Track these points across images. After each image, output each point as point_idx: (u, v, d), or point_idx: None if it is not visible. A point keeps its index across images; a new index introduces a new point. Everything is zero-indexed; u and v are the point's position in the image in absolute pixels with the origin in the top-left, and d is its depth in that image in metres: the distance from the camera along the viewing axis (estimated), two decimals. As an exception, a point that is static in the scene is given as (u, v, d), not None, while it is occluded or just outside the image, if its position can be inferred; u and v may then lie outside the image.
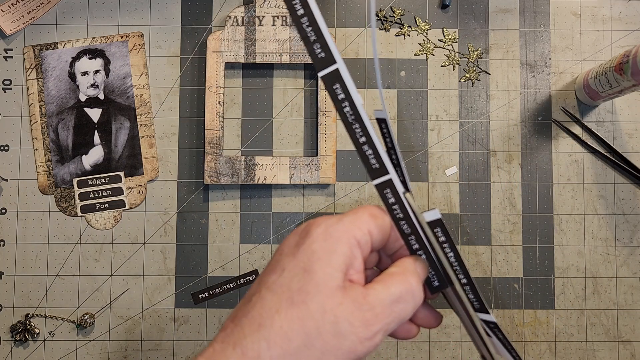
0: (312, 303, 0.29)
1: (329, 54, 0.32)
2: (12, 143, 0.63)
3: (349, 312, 0.29)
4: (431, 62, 0.65)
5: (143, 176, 0.63)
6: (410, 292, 0.31)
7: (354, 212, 0.32)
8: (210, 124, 0.62)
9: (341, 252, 0.30)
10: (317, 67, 0.32)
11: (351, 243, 0.31)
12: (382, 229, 0.32)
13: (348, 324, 0.29)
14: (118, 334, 0.62)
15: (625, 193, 0.63)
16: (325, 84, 0.32)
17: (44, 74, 0.63)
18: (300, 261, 0.30)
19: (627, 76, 0.54)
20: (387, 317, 0.30)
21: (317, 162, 0.62)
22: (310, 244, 0.30)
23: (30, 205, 0.62)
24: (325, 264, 0.30)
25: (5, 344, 0.61)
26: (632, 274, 0.63)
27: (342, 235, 0.30)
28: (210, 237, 0.63)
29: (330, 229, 0.31)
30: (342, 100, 0.32)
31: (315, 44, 0.32)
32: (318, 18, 0.32)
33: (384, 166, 0.32)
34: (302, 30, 0.32)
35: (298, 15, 0.32)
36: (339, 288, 0.29)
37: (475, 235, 0.63)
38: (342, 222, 0.31)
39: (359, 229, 0.31)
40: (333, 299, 0.29)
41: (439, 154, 0.64)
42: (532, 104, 0.64)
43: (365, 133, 0.32)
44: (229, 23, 0.62)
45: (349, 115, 0.32)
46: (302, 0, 0.32)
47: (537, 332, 0.62)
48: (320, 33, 0.32)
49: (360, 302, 0.29)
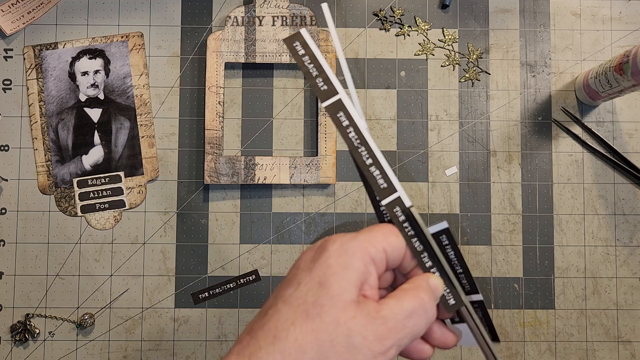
0: (327, 316, 0.29)
1: (330, 86, 0.34)
2: (12, 143, 0.63)
3: (362, 326, 0.29)
4: (431, 62, 0.65)
5: (143, 176, 0.63)
6: (422, 308, 0.31)
7: (370, 229, 0.33)
8: (210, 124, 0.62)
9: (356, 268, 0.31)
10: (321, 98, 0.34)
11: (366, 259, 0.31)
12: (396, 247, 0.33)
13: (362, 338, 0.29)
14: (118, 334, 0.62)
15: (625, 193, 0.63)
16: (329, 113, 0.34)
17: (44, 74, 0.63)
18: (316, 275, 0.31)
19: (627, 76, 0.54)
20: (400, 332, 0.30)
21: (317, 162, 0.62)
22: (326, 259, 0.31)
23: (30, 205, 0.62)
24: (340, 278, 0.30)
25: (5, 344, 0.61)
26: (632, 274, 0.63)
27: (357, 251, 0.31)
28: (210, 237, 0.63)
29: (345, 245, 0.31)
30: (347, 126, 0.34)
31: (317, 78, 0.35)
32: (318, 56, 0.35)
33: (391, 184, 0.34)
34: (304, 67, 0.35)
35: (300, 55, 0.35)
36: (353, 302, 0.30)
37: (475, 235, 0.63)
38: (358, 239, 0.32)
39: (374, 246, 0.32)
40: (347, 313, 0.29)
41: (439, 154, 0.64)
42: (532, 104, 0.64)
43: (372, 155, 0.34)
44: (229, 23, 0.62)
45: (355, 140, 0.34)
46: (302, 43, 0.35)
47: (537, 332, 0.62)
48: (321, 69, 0.35)
49: (373, 316, 0.30)
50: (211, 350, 0.62)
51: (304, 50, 0.35)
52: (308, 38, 0.35)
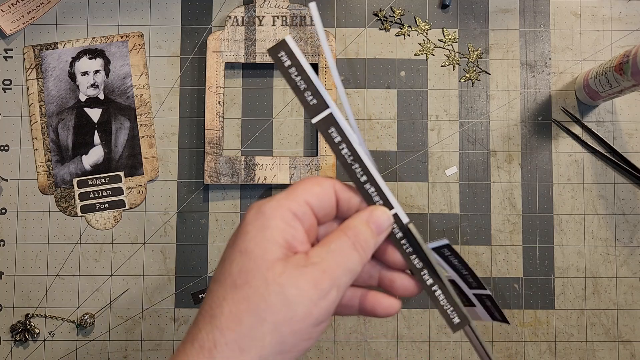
0: (254, 280, 0.28)
1: (320, 100, 0.32)
2: (12, 143, 0.63)
3: (293, 278, 0.29)
4: (431, 62, 0.65)
5: (143, 176, 0.63)
6: (350, 246, 0.31)
7: (290, 187, 0.32)
8: (210, 124, 0.62)
9: (275, 227, 0.30)
10: (310, 114, 0.32)
11: (286, 216, 0.30)
12: (322, 197, 0.32)
13: (295, 289, 0.28)
14: (118, 334, 0.62)
15: (625, 193, 0.63)
16: (320, 129, 0.32)
17: (44, 74, 0.63)
18: (236, 246, 0.30)
19: (627, 76, 0.54)
20: (335, 272, 0.30)
21: (317, 162, 0.62)
22: (244, 227, 0.31)
23: (30, 205, 0.62)
24: (260, 240, 0.29)
25: (5, 344, 0.61)
26: (632, 274, 0.63)
27: (274, 211, 0.30)
28: (210, 237, 0.63)
29: (262, 207, 0.31)
30: (339, 142, 0.32)
31: (306, 92, 0.32)
32: (305, 67, 0.32)
33: (387, 201, 0.33)
34: (291, 80, 0.32)
35: (285, 67, 0.32)
36: (279, 260, 0.29)
37: (475, 235, 0.63)
38: (274, 199, 0.31)
39: (294, 201, 0.31)
40: (274, 270, 0.29)
41: (439, 154, 0.64)
42: (532, 104, 0.64)
43: (366, 172, 0.33)
44: (229, 23, 0.62)
45: (348, 157, 0.32)
46: (288, 52, 0.32)
47: (537, 332, 0.62)
48: (309, 81, 0.32)
49: (303, 264, 0.29)
50: (211, 350, 0.62)
51: (290, 60, 0.32)
52: (294, 46, 0.32)
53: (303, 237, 0.31)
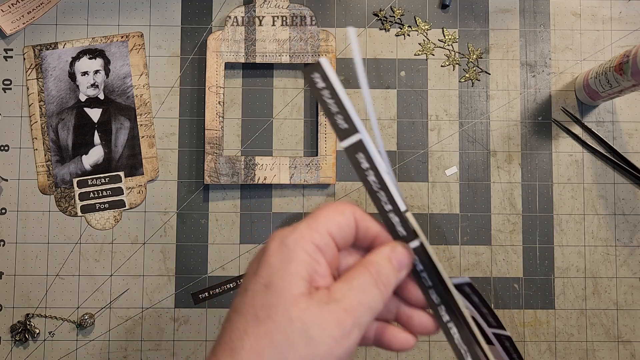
0: (277, 315, 0.28)
1: (351, 124, 0.31)
2: (12, 143, 0.63)
3: (316, 315, 0.28)
4: (431, 62, 0.65)
5: (143, 176, 0.63)
6: (372, 282, 0.30)
7: (311, 216, 0.32)
8: (210, 124, 0.62)
9: (299, 260, 0.29)
10: (340, 137, 0.31)
11: (309, 249, 0.30)
12: (343, 226, 0.32)
13: (318, 328, 0.28)
14: (118, 334, 0.62)
15: (625, 193, 0.63)
16: (348, 154, 0.32)
17: (44, 74, 0.63)
18: (260, 278, 0.30)
19: (627, 76, 0.54)
20: (357, 311, 0.29)
21: (317, 162, 0.62)
22: (267, 259, 0.30)
23: (30, 205, 0.62)
24: (284, 274, 0.29)
25: (5, 344, 0.61)
26: (632, 274, 0.63)
27: (298, 243, 0.30)
28: (210, 237, 0.63)
29: (285, 239, 0.30)
30: (367, 169, 0.32)
31: (337, 115, 0.31)
32: (339, 90, 0.31)
33: (411, 233, 0.32)
34: (323, 102, 0.31)
35: (318, 89, 0.31)
36: (302, 295, 0.29)
37: (475, 235, 0.63)
38: (297, 229, 0.31)
39: (317, 232, 0.30)
40: (297, 306, 0.28)
41: (439, 154, 0.64)
42: (532, 104, 0.64)
43: (392, 201, 0.32)
44: (229, 23, 0.62)
45: (374, 184, 0.32)
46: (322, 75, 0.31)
47: (537, 332, 0.62)
48: (341, 105, 0.31)
49: (326, 302, 0.29)
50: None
51: (324, 83, 0.31)
52: (329, 69, 0.31)
53: (325, 270, 0.31)
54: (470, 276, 0.63)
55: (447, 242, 0.63)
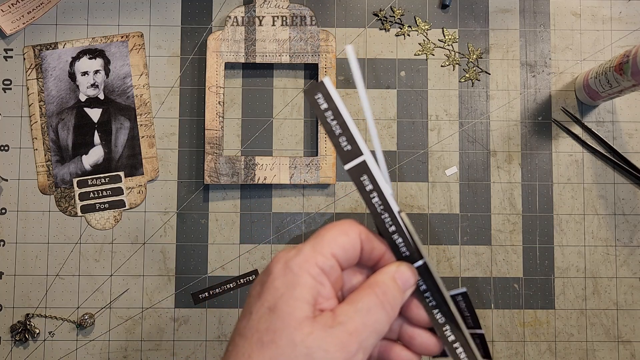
0: (281, 340, 0.28)
1: (355, 146, 0.31)
2: (12, 143, 0.63)
3: (321, 339, 0.28)
4: (431, 62, 0.65)
5: (143, 176, 0.63)
6: (378, 304, 0.30)
7: (315, 237, 0.31)
8: (210, 124, 0.62)
9: (304, 284, 0.29)
10: (343, 160, 0.31)
11: (314, 272, 0.30)
12: (348, 247, 0.31)
13: (323, 352, 0.28)
14: (118, 334, 0.62)
15: (625, 193, 0.63)
16: (352, 176, 0.31)
17: (44, 74, 0.63)
18: (265, 301, 0.29)
19: (627, 76, 0.54)
20: (362, 334, 0.29)
21: (317, 162, 0.62)
22: (272, 282, 0.30)
23: (30, 205, 0.62)
24: (289, 298, 0.29)
25: (5, 344, 0.61)
26: (632, 274, 0.63)
27: (302, 266, 0.30)
28: (210, 237, 0.63)
29: (290, 262, 0.30)
30: (370, 191, 0.31)
31: (341, 137, 0.31)
32: (342, 111, 0.31)
33: (414, 253, 0.32)
34: (326, 124, 0.31)
35: (322, 110, 0.31)
36: (307, 319, 0.29)
37: (475, 235, 0.63)
38: (302, 252, 0.30)
39: (322, 254, 0.30)
40: (302, 331, 0.28)
41: (439, 154, 0.64)
42: (532, 104, 0.64)
43: (395, 222, 0.32)
44: (229, 23, 0.62)
45: (378, 206, 0.32)
46: (325, 95, 0.31)
47: (537, 332, 0.62)
48: (345, 126, 0.31)
49: (330, 325, 0.29)
50: (211, 350, 0.62)
51: (327, 103, 0.31)
52: (332, 89, 0.31)
53: (330, 293, 0.31)
54: (470, 276, 0.63)
55: (447, 242, 0.63)
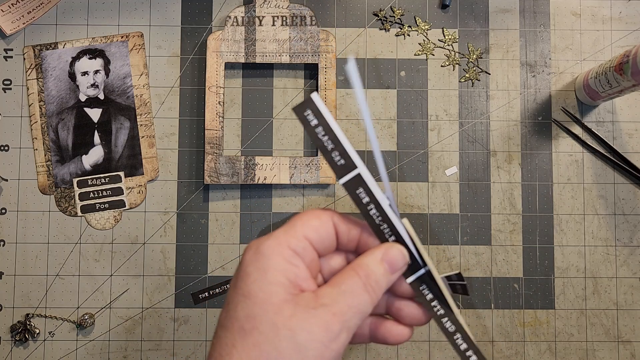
0: (262, 325, 0.28)
1: (348, 160, 0.31)
2: (12, 143, 0.63)
3: (303, 321, 0.28)
4: (431, 62, 0.65)
5: (143, 176, 0.63)
6: (361, 287, 0.30)
7: (288, 222, 0.32)
8: (210, 124, 0.62)
9: (275, 266, 0.29)
10: (338, 174, 0.31)
11: (286, 254, 0.30)
12: (321, 230, 0.31)
13: (306, 333, 0.28)
14: (118, 334, 0.62)
15: (625, 193, 0.63)
16: (348, 189, 0.31)
17: (44, 74, 0.63)
18: (239, 289, 0.29)
19: (627, 76, 0.54)
20: (345, 314, 0.29)
21: (317, 162, 0.62)
22: (244, 268, 0.30)
23: (30, 205, 0.62)
24: (262, 283, 0.29)
25: (5, 344, 0.61)
26: (632, 274, 0.63)
27: (273, 250, 0.30)
28: (210, 237, 0.63)
29: (260, 247, 0.30)
30: (367, 203, 0.32)
31: (334, 152, 0.31)
32: (333, 126, 0.31)
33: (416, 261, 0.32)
34: (317, 140, 0.31)
35: (312, 126, 0.31)
36: (285, 301, 0.29)
37: (475, 235, 0.63)
38: (272, 236, 0.30)
39: (293, 237, 0.30)
40: (282, 314, 0.28)
41: (439, 154, 0.64)
42: (532, 104, 0.64)
43: (395, 232, 0.32)
44: (229, 23, 0.62)
45: (376, 217, 0.32)
46: (314, 111, 0.31)
47: (537, 332, 0.62)
48: (337, 141, 0.31)
49: (312, 306, 0.29)
50: (211, 350, 0.62)
51: (316, 120, 0.31)
52: (321, 105, 0.31)
53: (306, 274, 0.30)
54: (470, 276, 0.63)
55: (447, 242, 0.63)
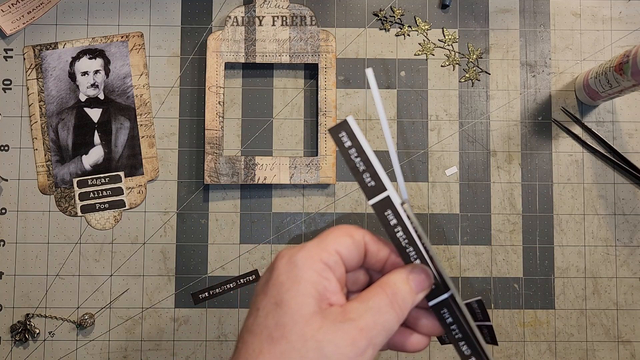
0: (291, 335, 0.28)
1: (379, 182, 0.32)
2: (12, 143, 0.63)
3: (331, 334, 0.28)
4: (431, 62, 0.65)
5: (143, 176, 0.63)
6: (389, 304, 0.31)
7: (320, 235, 0.32)
8: (210, 124, 0.62)
9: (308, 278, 0.30)
10: (368, 195, 0.32)
11: (318, 267, 0.30)
12: (351, 248, 0.32)
13: (333, 346, 0.28)
14: (118, 334, 0.62)
15: (625, 193, 0.63)
16: (376, 211, 0.32)
17: (44, 74, 0.63)
18: (271, 297, 0.30)
19: (627, 76, 0.54)
20: (372, 331, 0.29)
21: (317, 162, 0.62)
22: (277, 277, 0.30)
23: (30, 205, 0.62)
24: (295, 293, 0.29)
25: (5, 344, 0.61)
26: (632, 274, 0.63)
27: (306, 261, 0.30)
28: (210, 237, 0.63)
29: (293, 257, 0.31)
30: (395, 225, 0.32)
31: (365, 173, 0.32)
32: (366, 148, 0.32)
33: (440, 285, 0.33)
34: (350, 161, 0.32)
35: (346, 147, 0.32)
36: (315, 314, 0.29)
37: (475, 235, 0.63)
38: (305, 248, 0.31)
39: (325, 250, 0.31)
40: (311, 325, 0.29)
41: (439, 154, 0.64)
42: (532, 104, 0.64)
43: (420, 256, 0.32)
44: (229, 23, 0.62)
45: (402, 240, 0.32)
46: (349, 133, 0.32)
47: (537, 332, 0.62)
48: (369, 162, 0.32)
49: (340, 320, 0.29)
50: (211, 350, 0.62)
51: (350, 141, 0.32)
52: (355, 127, 0.32)
53: (336, 287, 0.31)
54: (470, 276, 0.63)
55: (447, 242, 0.63)
